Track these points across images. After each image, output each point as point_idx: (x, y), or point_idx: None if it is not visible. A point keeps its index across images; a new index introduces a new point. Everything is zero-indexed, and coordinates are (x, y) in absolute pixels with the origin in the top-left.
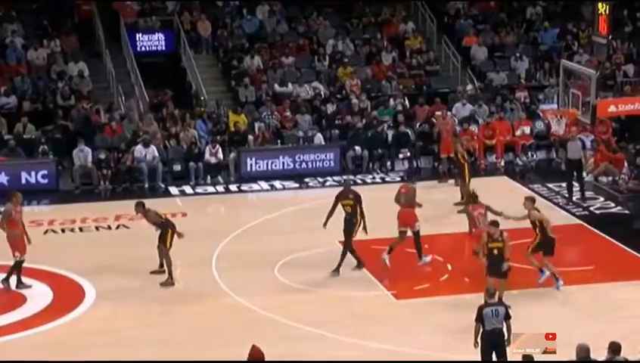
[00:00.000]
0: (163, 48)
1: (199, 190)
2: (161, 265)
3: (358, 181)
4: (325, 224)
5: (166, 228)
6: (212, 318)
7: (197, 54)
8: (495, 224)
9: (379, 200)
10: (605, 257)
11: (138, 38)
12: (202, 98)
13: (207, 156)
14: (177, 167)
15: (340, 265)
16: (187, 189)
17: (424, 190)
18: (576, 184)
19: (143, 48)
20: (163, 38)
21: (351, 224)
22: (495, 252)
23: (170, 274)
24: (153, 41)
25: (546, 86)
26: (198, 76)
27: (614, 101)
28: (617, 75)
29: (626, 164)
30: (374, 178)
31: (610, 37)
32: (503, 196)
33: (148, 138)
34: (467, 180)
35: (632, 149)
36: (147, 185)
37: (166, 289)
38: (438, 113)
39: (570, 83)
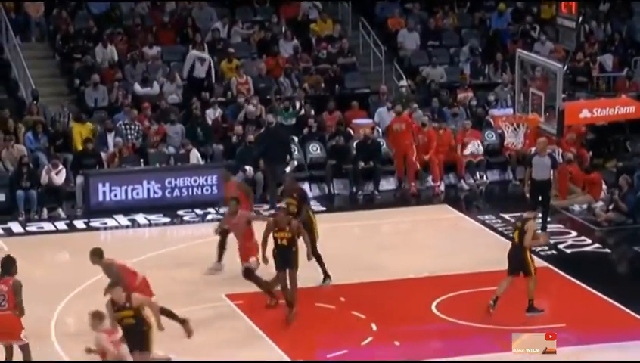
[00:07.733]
0: None
1: (31, 227)
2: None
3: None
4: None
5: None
6: None
7: (25, 42)
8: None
9: None
10: (579, 311)
11: None
12: (33, 102)
13: (45, 179)
14: None
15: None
16: (15, 226)
17: (339, 223)
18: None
19: None
20: None
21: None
22: None
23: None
24: None
25: (498, 84)
26: (27, 71)
27: (588, 104)
28: (592, 68)
29: (604, 187)
30: (272, 209)
31: (581, 19)
32: (443, 231)
33: None
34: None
35: (612, 167)
36: None
37: None
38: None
39: (530, 80)
